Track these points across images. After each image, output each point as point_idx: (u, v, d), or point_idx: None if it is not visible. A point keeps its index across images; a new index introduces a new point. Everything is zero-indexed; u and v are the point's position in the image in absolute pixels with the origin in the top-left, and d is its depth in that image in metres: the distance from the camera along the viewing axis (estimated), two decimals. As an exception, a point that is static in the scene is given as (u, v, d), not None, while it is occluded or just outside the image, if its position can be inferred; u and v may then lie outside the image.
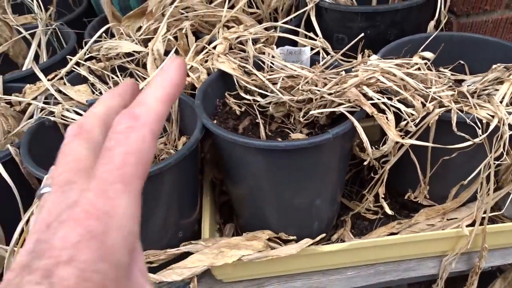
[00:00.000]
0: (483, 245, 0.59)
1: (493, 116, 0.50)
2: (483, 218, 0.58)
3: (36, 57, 0.85)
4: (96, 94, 0.69)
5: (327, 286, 0.63)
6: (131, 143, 0.21)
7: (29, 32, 0.86)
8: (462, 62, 0.68)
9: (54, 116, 0.61)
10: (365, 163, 0.53)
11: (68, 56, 0.75)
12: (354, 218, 0.68)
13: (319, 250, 0.58)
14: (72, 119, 0.62)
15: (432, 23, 0.72)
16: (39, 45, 0.86)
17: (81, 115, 0.62)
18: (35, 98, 0.67)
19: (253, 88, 0.61)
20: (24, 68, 0.83)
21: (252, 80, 0.61)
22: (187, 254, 0.59)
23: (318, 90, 0.54)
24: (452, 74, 0.64)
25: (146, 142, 0.21)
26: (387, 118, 0.49)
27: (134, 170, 0.20)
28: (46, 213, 0.19)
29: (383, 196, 0.58)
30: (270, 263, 0.59)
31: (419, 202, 0.63)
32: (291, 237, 0.61)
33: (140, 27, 0.82)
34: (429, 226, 0.63)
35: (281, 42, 0.69)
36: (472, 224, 0.59)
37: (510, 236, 0.61)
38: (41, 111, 0.65)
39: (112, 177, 0.20)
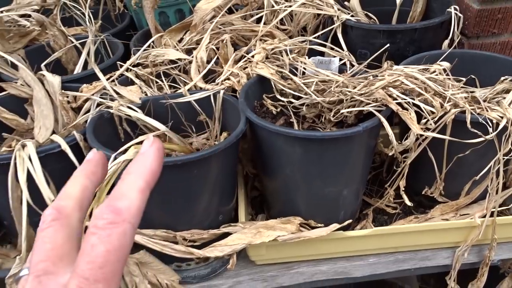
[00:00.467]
0: (493, 236, 0.65)
1: (502, 117, 0.58)
2: (493, 212, 0.65)
3: (85, 65, 0.94)
4: (145, 94, 0.77)
5: (351, 271, 0.70)
6: (113, 241, 0.21)
7: (79, 41, 0.95)
8: (473, 76, 0.77)
9: (111, 109, 0.69)
10: (390, 153, 0.60)
11: (118, 62, 0.84)
12: (375, 213, 0.75)
13: (345, 235, 0.65)
14: (126, 114, 0.70)
15: (446, 42, 0.80)
16: (88, 54, 0.95)
17: (134, 110, 0.70)
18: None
19: (289, 91, 0.69)
20: (74, 73, 0.92)
21: (288, 84, 0.70)
22: (226, 236, 0.65)
23: (349, 91, 0.62)
24: (464, 87, 0.72)
25: (127, 236, 0.22)
26: (410, 114, 0.57)
27: (116, 267, 0.21)
28: None
29: (403, 188, 0.65)
30: (300, 246, 0.66)
31: (434, 198, 0.70)
32: (319, 225, 0.67)
33: (181, 39, 0.92)
34: (443, 221, 0.70)
35: (310, 55, 0.78)
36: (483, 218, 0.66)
37: (518, 229, 0.67)
38: (97, 107, 0.74)
39: (94, 276, 0.20)
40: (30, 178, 0.62)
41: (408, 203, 0.65)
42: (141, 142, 0.62)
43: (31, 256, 0.22)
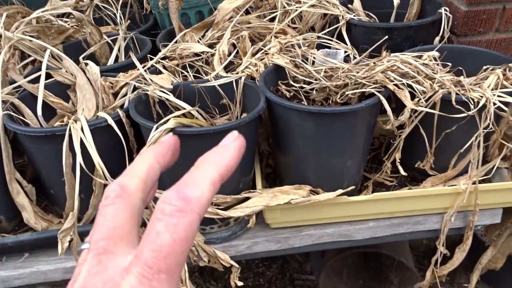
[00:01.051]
0: (475, 201, 0.76)
1: (482, 97, 0.69)
2: (476, 181, 0.76)
3: (115, 59, 1.06)
4: (172, 80, 0.88)
5: (353, 234, 0.80)
6: (179, 231, 0.20)
7: (111, 38, 1.06)
8: (461, 68, 0.88)
9: (148, 92, 0.80)
10: (388, 127, 0.71)
11: (148, 55, 0.95)
12: (374, 185, 0.86)
13: (349, 199, 0.76)
14: (160, 96, 0.81)
15: (437, 38, 0.92)
16: (119, 49, 1.07)
17: (167, 94, 0.81)
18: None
19: (301, 77, 0.80)
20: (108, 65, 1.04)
21: (300, 71, 0.81)
22: (245, 201, 0.76)
23: (353, 75, 0.73)
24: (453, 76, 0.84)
25: (193, 227, 0.21)
26: (405, 93, 0.68)
27: (180, 258, 0.20)
28: (81, 282, 0.20)
29: (399, 160, 0.76)
30: (309, 211, 0.77)
31: (426, 172, 0.81)
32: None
33: (202, 36, 1.03)
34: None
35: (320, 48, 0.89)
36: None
37: (497, 196, 0.78)
38: (133, 91, 0.85)
39: (158, 266, 0.19)
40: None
41: (403, 172, 0.76)
42: (180, 116, 0.73)
43: (92, 231, 0.22)
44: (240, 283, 0.80)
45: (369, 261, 1.33)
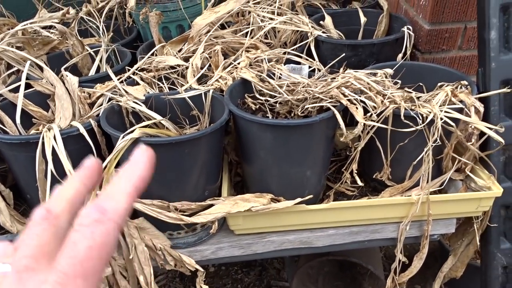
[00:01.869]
0: (428, 211, 0.80)
1: (430, 112, 0.73)
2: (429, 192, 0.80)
3: (97, 70, 1.10)
4: (148, 92, 0.92)
5: (313, 241, 0.84)
6: (96, 238, 0.21)
7: (93, 50, 1.11)
8: (421, 84, 0.92)
9: (121, 103, 0.85)
10: (341, 139, 0.75)
11: (127, 67, 1.00)
12: (336, 195, 0.90)
13: (308, 208, 0.80)
14: (132, 107, 0.86)
15: (400, 55, 0.96)
16: (100, 60, 1.11)
17: (139, 105, 0.86)
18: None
19: (266, 91, 0.84)
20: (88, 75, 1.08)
21: (265, 85, 0.85)
22: (211, 207, 0.80)
23: (312, 90, 0.77)
24: (412, 91, 0.88)
25: (110, 236, 0.22)
26: (357, 108, 0.73)
27: (96, 264, 0.21)
28: None
29: (356, 171, 0.80)
30: (271, 218, 0.81)
31: (384, 182, 0.85)
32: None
33: (180, 50, 1.08)
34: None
35: (289, 63, 0.94)
36: (421, 197, 0.81)
37: (449, 206, 0.82)
38: (108, 102, 0.89)
39: (74, 272, 0.20)
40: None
41: (360, 183, 0.80)
42: (145, 126, 0.77)
43: (16, 251, 0.22)
44: (205, 287, 0.84)
45: (345, 270, 1.37)
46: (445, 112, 0.73)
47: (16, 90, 0.91)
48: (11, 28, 1.11)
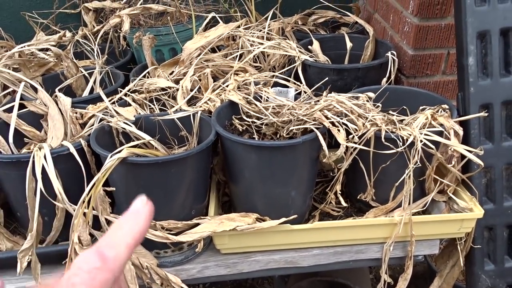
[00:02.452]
0: (411, 232, 0.81)
1: (410, 135, 0.76)
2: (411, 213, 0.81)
3: (91, 91, 1.13)
4: (139, 113, 0.95)
5: (298, 261, 0.85)
6: (95, 286, 0.22)
7: (88, 71, 1.14)
8: (405, 107, 0.95)
9: (111, 123, 0.87)
10: (324, 160, 0.77)
11: (119, 88, 1.02)
12: (322, 215, 0.91)
13: (292, 227, 0.81)
14: (122, 127, 0.88)
15: (384, 80, 0.99)
16: (94, 82, 1.14)
17: (129, 125, 0.88)
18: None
19: (252, 113, 0.87)
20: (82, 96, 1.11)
21: (252, 107, 0.88)
22: (197, 226, 0.81)
23: (296, 113, 0.80)
24: (396, 115, 0.90)
25: (107, 286, 0.22)
26: (339, 130, 0.75)
27: None
28: None
29: (340, 192, 0.81)
30: (256, 237, 0.82)
31: (369, 203, 0.87)
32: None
33: (172, 72, 1.11)
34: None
35: (276, 86, 0.96)
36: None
37: (432, 227, 0.83)
38: (99, 122, 0.91)
39: None
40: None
41: (344, 203, 0.81)
42: (133, 146, 0.79)
43: None
44: (191, 306, 0.84)
45: (336, 291, 1.37)
46: (425, 134, 0.76)
47: (10, 110, 0.94)
48: (8, 50, 1.14)
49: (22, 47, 1.09)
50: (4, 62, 1.05)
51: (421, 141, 0.75)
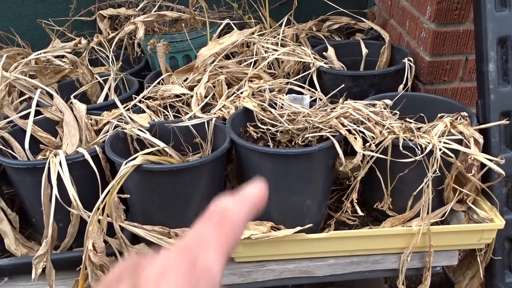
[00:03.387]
0: (429, 242, 0.79)
1: (429, 143, 0.74)
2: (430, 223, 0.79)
3: (106, 98, 1.13)
4: (153, 119, 0.94)
5: (313, 271, 0.84)
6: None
7: (103, 78, 1.15)
8: (422, 114, 0.93)
9: (126, 130, 0.87)
10: (340, 169, 0.75)
11: (133, 95, 1.02)
12: (338, 224, 0.90)
13: (308, 237, 0.80)
14: (137, 134, 0.88)
15: (401, 86, 0.97)
16: (109, 88, 1.15)
17: (143, 132, 0.87)
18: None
19: (267, 120, 0.86)
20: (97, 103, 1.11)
21: (267, 114, 0.87)
22: (211, 234, 0.80)
23: (312, 120, 0.79)
24: (414, 123, 0.89)
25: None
26: (355, 138, 0.74)
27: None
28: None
29: (356, 201, 0.80)
30: (271, 246, 0.81)
31: (385, 212, 0.85)
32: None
33: (186, 79, 1.11)
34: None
35: (291, 93, 0.95)
36: (422, 227, 0.80)
37: (451, 238, 0.81)
38: (114, 129, 0.91)
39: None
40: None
41: (360, 212, 0.80)
42: (148, 153, 0.79)
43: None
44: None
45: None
46: (444, 143, 0.74)
47: (26, 116, 0.95)
48: (25, 57, 1.15)
49: (38, 54, 1.10)
50: (21, 69, 1.06)
51: (440, 149, 0.73)
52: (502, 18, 0.79)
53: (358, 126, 0.75)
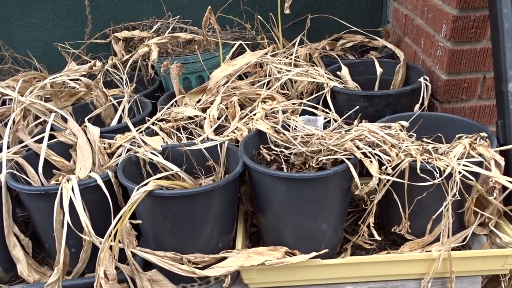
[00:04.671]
0: (450, 268, 0.76)
1: (447, 165, 0.72)
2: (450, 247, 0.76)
3: (120, 119, 1.14)
4: (166, 143, 0.94)
5: (330, 297, 0.81)
6: None
7: (117, 100, 1.15)
8: (440, 134, 0.90)
9: (138, 154, 0.87)
10: (356, 193, 0.73)
11: (147, 118, 1.02)
12: (354, 248, 0.87)
13: (323, 262, 0.77)
14: (149, 158, 0.87)
15: (417, 106, 0.95)
16: (123, 110, 1.15)
17: (156, 155, 0.87)
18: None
19: (280, 142, 0.85)
20: (111, 125, 1.12)
21: (280, 137, 0.86)
22: (224, 259, 0.79)
23: (326, 143, 0.77)
24: (431, 143, 0.86)
25: None
26: (371, 161, 0.72)
27: None
28: None
29: (373, 225, 0.78)
30: (286, 272, 0.79)
31: (403, 236, 0.82)
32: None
33: (199, 100, 1.10)
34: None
35: (304, 114, 0.94)
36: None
37: (473, 263, 0.78)
38: (127, 152, 0.91)
39: None
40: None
41: (377, 237, 0.77)
42: (159, 178, 0.78)
43: None
44: None
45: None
46: (464, 165, 0.72)
47: (41, 140, 0.95)
48: (40, 81, 1.17)
49: (53, 78, 1.11)
50: (37, 93, 1.07)
51: (459, 172, 0.71)
52: (521, 36, 0.77)
53: (374, 149, 0.73)
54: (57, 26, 1.45)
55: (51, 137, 0.97)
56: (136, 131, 0.96)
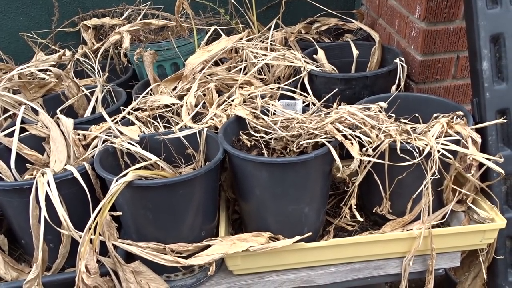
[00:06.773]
0: (431, 245, 0.78)
1: (426, 145, 0.73)
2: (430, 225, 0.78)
3: (93, 110, 1.10)
4: (143, 132, 0.92)
5: (314, 279, 0.82)
6: None
7: (89, 90, 1.12)
8: (416, 114, 0.92)
9: (115, 144, 0.84)
10: (338, 175, 0.74)
11: (122, 107, 1.00)
12: (336, 230, 0.88)
13: (307, 245, 0.78)
14: (127, 148, 0.85)
15: (394, 87, 0.96)
16: (96, 101, 1.12)
17: (133, 145, 0.85)
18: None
19: (260, 127, 0.84)
20: (84, 116, 1.08)
21: (260, 122, 0.85)
22: (207, 248, 0.78)
23: (306, 126, 0.77)
24: (409, 123, 0.87)
25: None
26: (352, 143, 0.72)
27: None
28: None
29: (355, 206, 0.78)
30: (270, 257, 0.79)
31: (384, 216, 0.83)
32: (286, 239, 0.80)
33: (175, 88, 1.08)
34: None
35: (282, 98, 0.93)
36: (423, 230, 0.79)
37: (453, 240, 0.80)
38: (103, 143, 0.89)
39: None
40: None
41: (359, 218, 0.78)
42: (138, 168, 0.76)
43: None
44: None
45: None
46: (442, 144, 0.73)
47: (11, 134, 0.91)
48: (7, 72, 1.12)
49: (21, 69, 1.07)
50: (4, 85, 1.03)
51: (438, 151, 0.72)
52: (494, 16, 0.78)
53: (354, 131, 0.73)
54: (22, 15, 1.39)
55: (22, 130, 0.93)
56: (112, 121, 0.93)
